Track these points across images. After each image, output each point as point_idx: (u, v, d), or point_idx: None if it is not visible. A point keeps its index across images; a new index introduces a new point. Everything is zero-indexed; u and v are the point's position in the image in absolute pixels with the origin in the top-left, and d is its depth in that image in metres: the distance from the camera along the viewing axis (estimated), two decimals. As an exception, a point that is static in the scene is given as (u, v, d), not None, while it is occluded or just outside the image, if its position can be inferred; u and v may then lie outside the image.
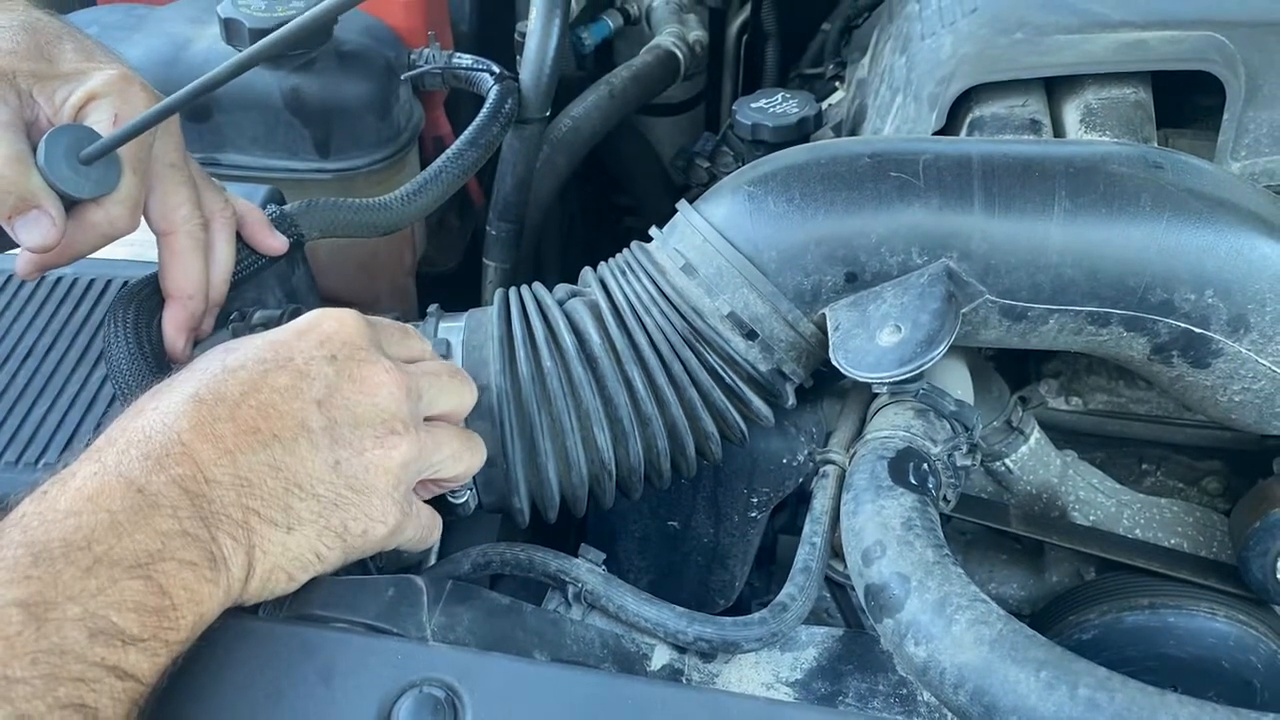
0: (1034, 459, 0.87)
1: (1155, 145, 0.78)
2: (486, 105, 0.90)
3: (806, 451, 0.84)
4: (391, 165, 0.96)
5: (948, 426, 0.73)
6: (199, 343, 0.70)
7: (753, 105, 1.02)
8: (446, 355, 0.73)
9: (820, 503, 0.72)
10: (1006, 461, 0.86)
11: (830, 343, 0.71)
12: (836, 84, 1.33)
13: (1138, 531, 0.88)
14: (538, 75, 0.95)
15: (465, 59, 0.96)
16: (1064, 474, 0.89)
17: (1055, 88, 0.84)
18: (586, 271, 0.80)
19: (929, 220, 0.71)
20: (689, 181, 1.27)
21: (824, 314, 0.73)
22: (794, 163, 0.75)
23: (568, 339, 0.73)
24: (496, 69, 0.94)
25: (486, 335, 0.74)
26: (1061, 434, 0.92)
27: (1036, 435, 0.87)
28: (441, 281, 1.17)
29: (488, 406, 0.72)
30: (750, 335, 0.73)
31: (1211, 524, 0.86)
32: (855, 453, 0.72)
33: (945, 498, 0.73)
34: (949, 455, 0.71)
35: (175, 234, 0.66)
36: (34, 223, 0.60)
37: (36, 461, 0.67)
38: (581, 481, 0.74)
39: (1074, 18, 0.82)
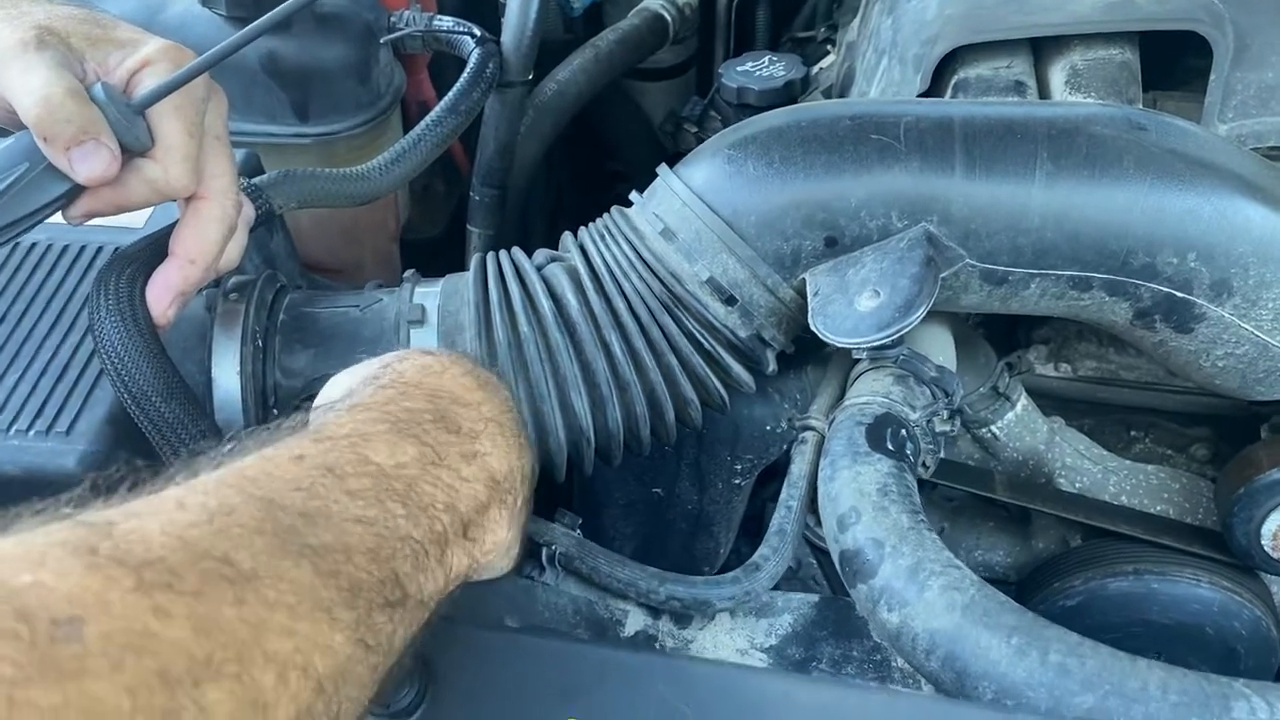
0: (1020, 425, 0.87)
1: (1140, 107, 0.76)
2: (467, 69, 0.88)
3: (790, 418, 0.84)
4: (372, 130, 0.95)
5: (928, 392, 0.73)
6: None
7: (739, 69, 1.01)
8: (422, 321, 0.72)
9: (798, 467, 0.71)
10: (992, 428, 0.86)
11: (809, 308, 0.70)
12: (828, 47, 1.31)
13: (1124, 498, 0.88)
14: (519, 37, 0.93)
15: (446, 21, 0.94)
16: (1050, 440, 0.88)
17: (1041, 49, 0.82)
18: (566, 236, 0.79)
19: (909, 184, 0.70)
20: (678, 146, 1.25)
21: (804, 279, 0.72)
22: (774, 125, 0.74)
23: (545, 304, 0.72)
24: (478, 32, 0.92)
25: (462, 301, 0.73)
26: (1050, 401, 0.92)
27: (1023, 402, 0.87)
28: (427, 248, 1.16)
29: (464, 373, 0.71)
30: (729, 301, 0.72)
31: (1198, 490, 0.86)
32: (834, 419, 0.72)
33: (924, 464, 0.72)
34: (928, 421, 0.71)
35: (208, 200, 0.65)
36: (92, 153, 0.59)
37: (8, 428, 0.66)
38: (559, 448, 0.74)
39: (1061, -23, 0.80)
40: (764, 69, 1.00)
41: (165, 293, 0.64)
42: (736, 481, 0.89)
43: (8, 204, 0.58)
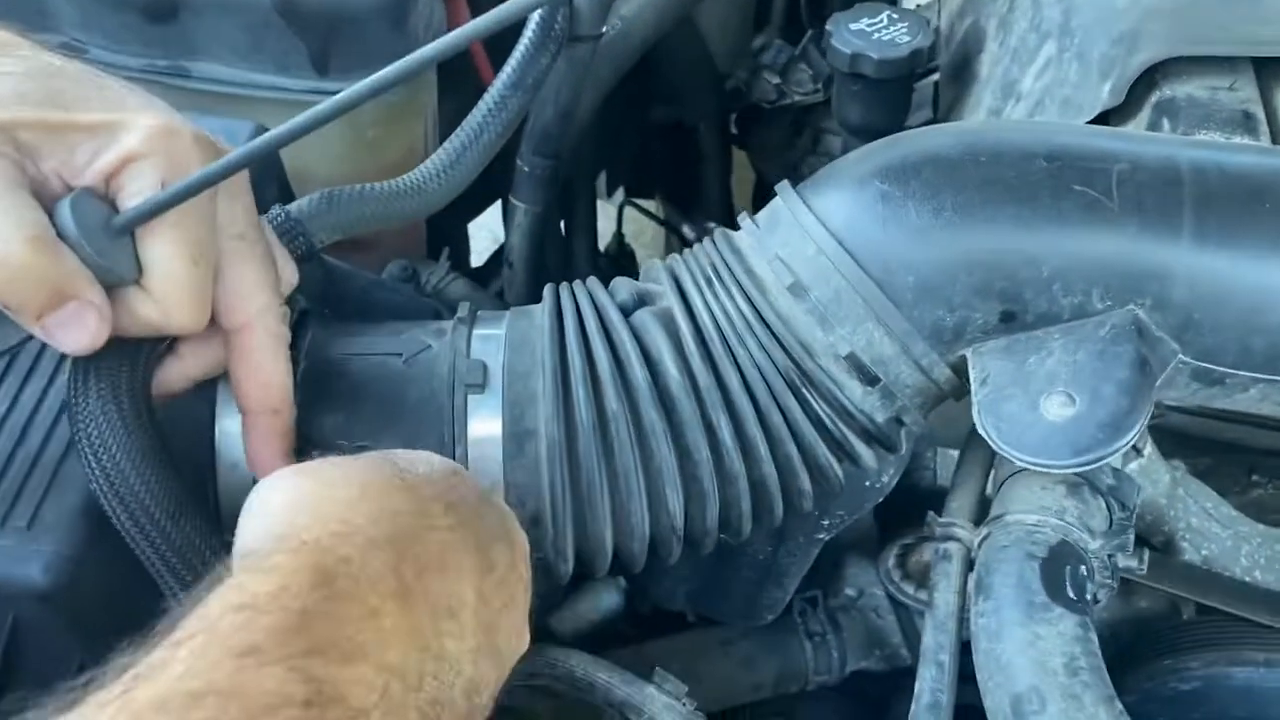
0: (1143, 476, 0.75)
1: None
2: (530, 26, 0.70)
3: (892, 471, 0.71)
4: (406, 85, 0.76)
5: (1103, 506, 0.59)
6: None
7: (852, 27, 0.83)
8: (483, 385, 0.57)
9: (944, 599, 0.57)
10: (1114, 479, 0.73)
11: (974, 401, 0.56)
12: (926, -23, 1.12)
13: (1257, 573, 0.76)
14: (595, -19, 0.75)
15: (503, -49, 0.75)
16: (1173, 493, 0.76)
17: (1264, 63, 0.66)
18: (655, 266, 0.63)
19: (1122, 253, 0.54)
20: (749, 92, 1.07)
21: (964, 355, 0.57)
22: (942, 155, 0.58)
23: (639, 374, 0.57)
24: (544, -27, 0.73)
25: (535, 361, 0.58)
26: (1166, 436, 0.79)
27: (1149, 450, 0.75)
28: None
29: (534, 458, 0.57)
30: (871, 380, 0.58)
31: (1346, 568, 0.74)
32: (989, 535, 0.58)
33: (1096, 598, 0.59)
34: (1110, 556, 0.57)
35: (250, 329, 0.50)
36: (73, 320, 0.44)
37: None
38: (643, 544, 0.60)
39: (1302, -31, 0.64)
40: (883, 30, 0.82)
41: (274, 456, 0.52)
42: (820, 536, 0.77)
43: None
